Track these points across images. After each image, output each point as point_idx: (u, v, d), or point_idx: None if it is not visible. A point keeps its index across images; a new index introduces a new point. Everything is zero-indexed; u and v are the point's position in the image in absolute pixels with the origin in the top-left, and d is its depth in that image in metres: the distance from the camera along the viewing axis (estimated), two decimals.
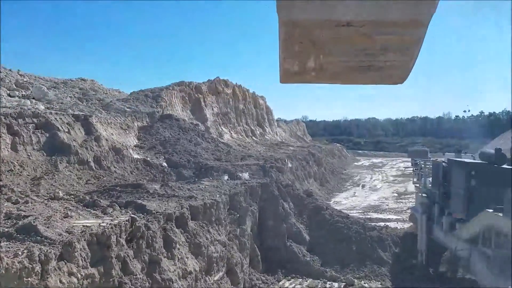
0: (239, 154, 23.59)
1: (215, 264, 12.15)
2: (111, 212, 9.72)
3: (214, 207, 13.09)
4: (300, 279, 14.65)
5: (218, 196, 13.97)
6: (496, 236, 11.18)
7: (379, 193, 34.53)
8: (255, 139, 37.03)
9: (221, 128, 31.49)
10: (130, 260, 8.64)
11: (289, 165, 27.98)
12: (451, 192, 13.90)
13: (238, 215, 14.52)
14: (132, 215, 9.52)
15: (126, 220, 9.05)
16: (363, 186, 38.14)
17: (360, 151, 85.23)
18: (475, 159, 14.54)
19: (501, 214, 10.80)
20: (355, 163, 61.01)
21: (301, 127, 65.13)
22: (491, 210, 11.29)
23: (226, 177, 18.32)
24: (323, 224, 17.70)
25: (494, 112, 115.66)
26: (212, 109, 32.00)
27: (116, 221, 8.81)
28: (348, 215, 19.05)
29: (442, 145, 68.40)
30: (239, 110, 38.17)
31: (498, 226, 10.96)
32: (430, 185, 16.02)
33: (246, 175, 18.96)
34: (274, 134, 45.63)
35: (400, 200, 30.13)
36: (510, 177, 10.66)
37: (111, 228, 8.35)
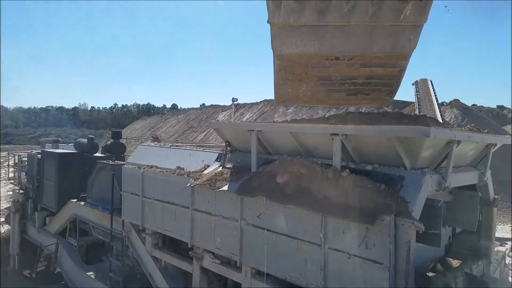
0: None
1: None
2: None
3: None
4: None
5: None
6: (80, 225, 11.36)
7: None
8: None
9: None
10: None
11: None
12: (44, 185, 13.11)
13: None
14: None
15: None
16: None
17: None
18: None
19: (83, 203, 10.99)
20: None
21: None
22: (75, 200, 11.32)
23: None
24: None
25: (126, 105, 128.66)
26: None
27: None
28: None
29: (78, 135, 68.78)
30: None
31: (81, 215, 11.10)
32: (26, 179, 14.62)
33: None
34: None
35: None
36: (95, 165, 10.84)
37: None
